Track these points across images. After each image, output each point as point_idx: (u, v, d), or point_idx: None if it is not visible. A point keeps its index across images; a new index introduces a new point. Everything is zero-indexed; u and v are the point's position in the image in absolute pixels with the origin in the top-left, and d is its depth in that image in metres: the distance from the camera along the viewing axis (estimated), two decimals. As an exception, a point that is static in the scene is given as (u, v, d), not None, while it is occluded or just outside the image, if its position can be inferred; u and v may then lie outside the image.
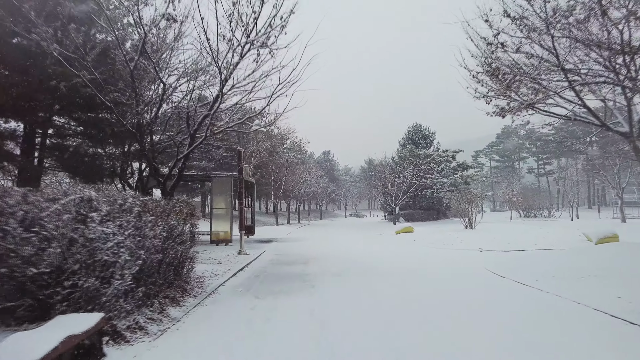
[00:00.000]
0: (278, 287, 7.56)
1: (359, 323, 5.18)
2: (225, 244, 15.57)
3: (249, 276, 8.85)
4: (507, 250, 13.63)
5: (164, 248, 5.71)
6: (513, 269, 9.25)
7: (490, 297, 6.64)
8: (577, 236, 15.91)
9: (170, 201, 6.32)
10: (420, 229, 23.18)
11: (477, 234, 17.87)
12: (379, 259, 11.84)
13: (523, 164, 78.09)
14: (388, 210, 40.63)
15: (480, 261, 11.15)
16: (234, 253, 12.63)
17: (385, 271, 9.45)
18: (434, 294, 6.94)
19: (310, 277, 8.62)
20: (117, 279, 4.24)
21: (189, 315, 5.57)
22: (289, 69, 8.61)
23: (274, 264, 10.75)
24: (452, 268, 10.05)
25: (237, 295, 6.94)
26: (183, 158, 9.01)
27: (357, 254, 13.36)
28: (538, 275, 8.25)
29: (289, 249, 14.78)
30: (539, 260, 10.51)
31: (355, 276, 8.74)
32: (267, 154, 28.87)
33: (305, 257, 12.32)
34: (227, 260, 10.94)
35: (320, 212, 63.07)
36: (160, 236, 5.57)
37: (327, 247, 15.95)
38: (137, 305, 4.83)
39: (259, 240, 18.42)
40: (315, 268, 9.97)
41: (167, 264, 5.88)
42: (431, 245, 15.58)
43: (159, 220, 5.58)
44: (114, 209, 4.39)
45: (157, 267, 5.46)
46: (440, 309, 5.82)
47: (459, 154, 34.00)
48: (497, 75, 10.39)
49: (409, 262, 11.23)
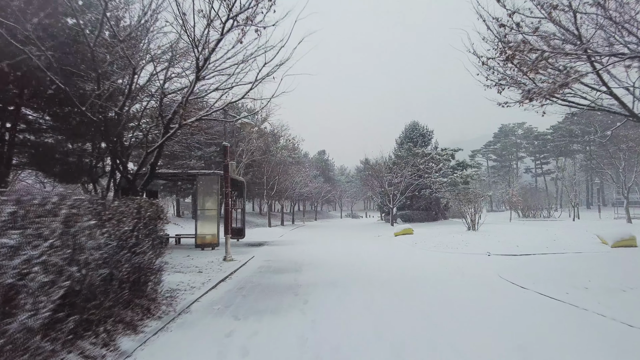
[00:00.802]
0: (264, 304, 6.37)
1: (361, 356, 4.02)
2: (212, 248, 14.34)
3: (232, 288, 7.64)
4: (518, 255, 12.54)
5: (114, 261, 4.50)
6: (532, 278, 8.14)
7: (517, 316, 5.50)
8: (590, 238, 14.86)
9: (127, 201, 5.11)
10: (420, 230, 22.07)
11: (481, 236, 16.76)
12: (379, 265, 10.68)
13: (520, 164, 77.46)
14: (385, 210, 39.52)
15: (491, 267, 10.03)
16: (219, 259, 11.42)
17: (388, 280, 8.28)
18: (447, 310, 5.78)
19: (303, 289, 7.44)
20: (27, 309, 3.03)
21: (145, 347, 4.37)
22: (277, 50, 7.41)
23: (262, 272, 9.54)
24: (462, 276, 8.92)
25: (213, 315, 5.74)
26: (155, 152, 7.78)
27: (355, 259, 12.19)
28: (565, 285, 7.14)
29: (280, 254, 13.57)
30: (558, 267, 9.42)
31: (355, 287, 7.57)
32: (260, 153, 27.62)
33: (297, 263, 11.13)
34: (209, 268, 9.72)
35: (315, 213, 61.82)
36: (108, 246, 4.36)
37: (322, 251, 14.76)
38: (68, 341, 3.62)
39: (249, 243, 17.19)
40: (308, 277, 8.79)
41: (120, 280, 4.66)
42: (434, 248, 14.44)
43: (106, 225, 4.37)
44: (28, 211, 3.18)
45: (102, 286, 4.25)
46: (461, 334, 4.66)
47: (457, 152, 32.97)
48: (511, 60, 9.35)
49: (413, 269, 10.08)
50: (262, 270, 9.83)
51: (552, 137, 63.79)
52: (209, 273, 9.04)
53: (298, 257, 12.39)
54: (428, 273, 9.24)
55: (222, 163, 11.77)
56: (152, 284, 5.87)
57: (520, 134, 73.87)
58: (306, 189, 40.33)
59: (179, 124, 7.10)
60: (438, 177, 30.83)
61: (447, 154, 31.81)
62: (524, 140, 73.09)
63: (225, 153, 11.22)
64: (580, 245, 13.57)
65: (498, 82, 10.05)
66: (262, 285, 7.95)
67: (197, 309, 6.11)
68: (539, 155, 70.98)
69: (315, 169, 56.29)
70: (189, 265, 10.30)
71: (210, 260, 11.22)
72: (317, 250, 14.94)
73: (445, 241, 15.62)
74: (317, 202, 61.41)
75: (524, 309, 5.90)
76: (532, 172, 74.62)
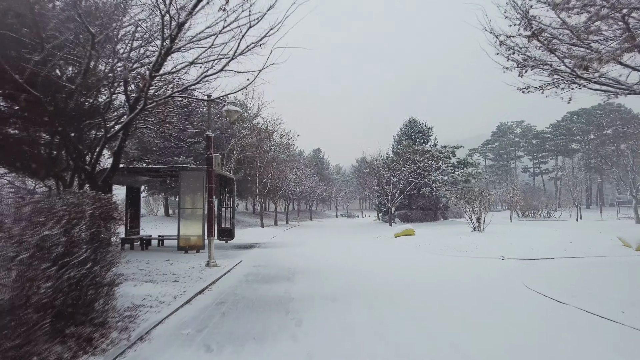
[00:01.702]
0: (246, 326, 5.05)
1: None
2: (197, 251, 12.97)
3: (210, 303, 6.31)
4: (534, 259, 11.34)
5: (25, 279, 3.17)
6: (566, 289, 6.91)
7: (570, 343, 4.24)
8: (608, 240, 13.69)
9: (54, 196, 3.76)
10: (421, 231, 20.82)
11: (489, 237, 15.53)
12: (383, 273, 9.39)
13: (518, 163, 76.65)
14: (382, 210, 38.30)
15: (512, 274, 8.82)
16: (201, 264, 10.08)
17: (398, 293, 6.99)
18: (482, 339, 4.51)
19: (296, 305, 6.14)
20: None
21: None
22: (265, 12, 6.08)
23: (249, 282, 8.21)
24: (482, 286, 7.67)
25: (179, 345, 4.42)
26: (120, 138, 6.42)
27: (355, 264, 10.90)
28: (613, 300, 5.93)
29: (271, 258, 12.23)
30: (590, 275, 8.20)
31: (358, 302, 6.28)
32: (253, 149, 26.20)
33: (290, 269, 9.81)
34: (187, 276, 8.38)
35: (310, 212, 60.41)
36: (20, 259, 3.03)
37: (318, 254, 13.44)
38: None
39: (238, 245, 15.82)
40: (302, 287, 7.48)
41: (38, 306, 3.33)
42: (441, 251, 13.18)
43: (14, 230, 3.04)
44: None
45: (12, 314, 2.92)
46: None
47: (458, 150, 31.79)
48: (538, 36, 8.14)
49: (424, 277, 8.82)
50: (249, 279, 8.49)
51: (551, 135, 62.97)
52: (186, 282, 7.70)
53: (291, 262, 11.07)
54: (443, 283, 7.96)
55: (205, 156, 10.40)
56: (102, 302, 4.53)
57: (518, 132, 72.96)
58: (301, 187, 38.96)
59: (144, 102, 5.75)
60: (438, 176, 29.62)
61: (448, 151, 30.61)
62: (523, 139, 72.18)
63: (208, 144, 9.87)
64: (601, 249, 12.39)
65: (521, 62, 8.85)
66: (247, 299, 6.62)
67: (160, 334, 4.78)
68: (537, 155, 70.15)
69: (311, 167, 54.88)
70: (166, 272, 8.96)
71: (192, 266, 9.88)
72: (312, 253, 13.61)
73: (452, 243, 14.38)
74: (312, 201, 60.05)
75: (580, 336, 4.63)
76: (529, 172, 73.83)
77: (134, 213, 16.53)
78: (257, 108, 25.28)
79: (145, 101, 5.73)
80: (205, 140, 9.95)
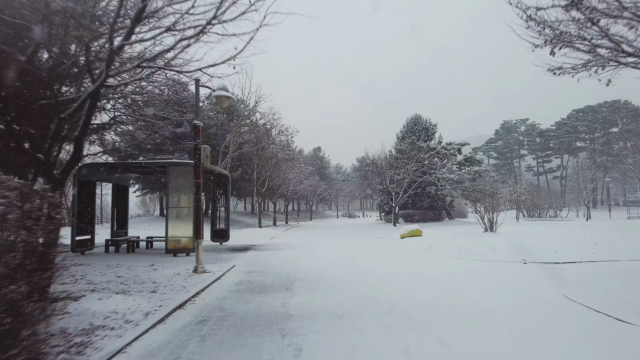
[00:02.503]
0: (229, 357, 3.87)
1: None
2: (186, 254, 11.80)
3: (188, 323, 5.12)
4: (560, 262, 10.16)
5: None
6: (622, 302, 5.74)
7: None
8: (635, 242, 12.50)
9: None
10: (429, 231, 19.64)
11: (503, 238, 14.33)
12: (397, 282, 8.16)
13: (522, 162, 75.43)
14: (385, 210, 37.13)
15: (543, 282, 7.69)
16: (188, 270, 8.91)
17: (417, 308, 5.78)
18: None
19: (294, 324, 4.95)
20: None
21: None
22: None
23: (240, 292, 7.02)
24: (517, 299, 6.48)
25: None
26: (82, 121, 5.24)
27: (362, 270, 9.68)
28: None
29: (268, 262, 11.02)
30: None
31: (371, 321, 5.10)
32: (251, 145, 25.00)
33: (289, 276, 8.61)
34: (169, 286, 7.20)
35: (310, 212, 59.10)
36: None
37: (320, 257, 12.23)
38: None
39: (233, 248, 14.62)
40: (302, 300, 6.29)
41: None
42: (455, 255, 11.99)
43: None
44: None
45: None
46: None
47: (464, 147, 30.58)
48: (578, 4, 7.01)
49: (444, 286, 7.61)
50: (240, 289, 7.30)
51: (556, 133, 61.76)
52: (165, 294, 6.52)
53: (290, 268, 9.88)
54: (471, 295, 6.75)
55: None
56: (30, 333, 3.35)
57: (522, 130, 71.68)
58: (301, 186, 37.75)
59: (106, 72, 4.59)
60: (444, 174, 28.42)
61: (454, 148, 29.38)
62: (527, 137, 70.93)
63: (196, 133, 8.69)
64: (632, 251, 11.21)
65: (554, 38, 7.67)
66: (235, 315, 5.43)
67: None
68: (541, 153, 68.90)
69: (311, 165, 53.66)
70: (146, 279, 7.78)
71: (177, 272, 8.70)
72: (313, 257, 12.41)
73: (466, 245, 13.19)
74: (312, 201, 58.83)
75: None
76: (533, 170, 72.62)
77: (121, 212, 15.37)
78: (254, 101, 24.08)
79: (107, 72, 4.57)
80: (192, 129, 8.77)
